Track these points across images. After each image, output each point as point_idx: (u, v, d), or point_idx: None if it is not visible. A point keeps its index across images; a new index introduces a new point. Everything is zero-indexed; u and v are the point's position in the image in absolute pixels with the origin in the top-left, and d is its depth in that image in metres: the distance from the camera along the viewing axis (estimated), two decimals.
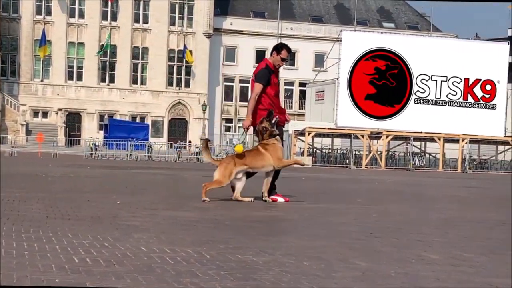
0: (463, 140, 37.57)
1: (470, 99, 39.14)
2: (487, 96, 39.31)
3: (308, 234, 5.59)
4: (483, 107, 39.21)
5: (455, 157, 38.88)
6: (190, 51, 62.99)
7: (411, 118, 37.92)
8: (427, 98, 38.59)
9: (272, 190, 8.62)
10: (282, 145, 8.72)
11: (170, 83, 64.27)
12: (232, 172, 8.25)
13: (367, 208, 8.68)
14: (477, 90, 39.16)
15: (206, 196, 8.10)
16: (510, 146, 39.11)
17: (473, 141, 39.27)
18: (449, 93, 38.93)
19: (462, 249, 5.05)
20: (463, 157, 38.40)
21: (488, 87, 39.26)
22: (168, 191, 11.11)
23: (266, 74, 8.77)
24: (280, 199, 8.60)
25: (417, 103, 38.42)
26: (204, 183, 8.33)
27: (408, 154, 39.60)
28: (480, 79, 39.05)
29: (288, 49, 9.03)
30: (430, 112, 38.42)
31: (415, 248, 5.03)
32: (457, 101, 39.06)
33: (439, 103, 38.72)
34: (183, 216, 6.71)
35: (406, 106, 38.09)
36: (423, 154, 41.52)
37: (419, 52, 38.47)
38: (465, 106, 39.09)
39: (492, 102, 39.35)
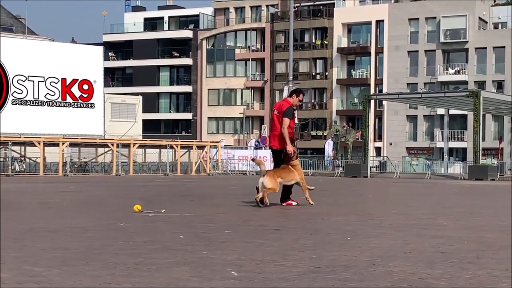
0: (63, 144, 37.58)
1: (69, 99, 39.65)
2: (85, 95, 40.21)
3: None
4: (82, 106, 40.05)
5: (56, 161, 38.70)
6: None
7: (11, 120, 37.02)
8: (25, 99, 38.06)
9: (287, 197, 11.50)
10: None
11: None
12: (277, 182, 10.91)
13: None
14: (75, 90, 39.82)
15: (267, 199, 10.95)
16: (110, 149, 40.28)
17: (73, 144, 39.58)
18: (47, 93, 38.88)
19: (34, 263, 4.94)
20: (64, 161, 38.43)
21: (86, 86, 40.16)
22: None
23: (292, 111, 11.58)
24: (294, 203, 11.42)
25: (15, 104, 37.65)
26: (263, 192, 10.78)
27: (7, 159, 38.30)
28: (78, 79, 39.82)
29: (303, 93, 12.57)
30: (30, 112, 38.11)
31: None
32: (56, 101, 39.21)
33: (38, 103, 38.53)
34: None
35: (4, 107, 37.08)
36: (23, 158, 40.56)
37: (14, 53, 37.67)
38: (64, 106, 39.50)
39: (90, 101, 40.38)
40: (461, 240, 6.69)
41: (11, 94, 37.48)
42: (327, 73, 73.48)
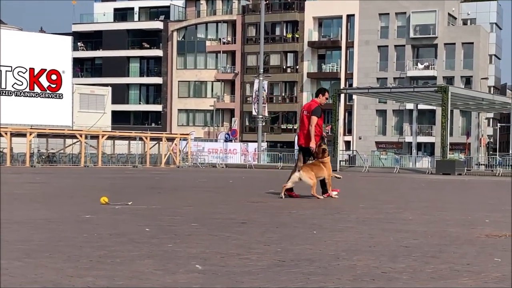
0: (31, 134, 37.23)
1: (37, 89, 39.34)
2: (53, 85, 39.90)
3: None
4: (50, 96, 39.72)
5: (23, 151, 38.32)
6: None
7: None
8: None
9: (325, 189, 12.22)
10: None
11: None
12: (314, 175, 11.72)
13: None
14: (43, 80, 39.49)
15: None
16: (78, 140, 39.98)
17: (41, 135, 39.22)
18: (15, 83, 38.56)
19: None
20: (31, 151, 38.07)
21: (54, 77, 39.84)
22: None
23: (320, 110, 12.33)
24: (334, 193, 12.29)
25: None
26: (312, 193, 11.79)
27: None
28: (46, 69, 39.46)
29: (329, 92, 13.11)
30: None
31: None
32: (24, 91, 38.89)
33: (6, 93, 38.23)
34: None
35: None
36: None
37: None
38: (32, 96, 39.18)
39: (58, 92, 40.05)
40: (425, 234, 6.76)
41: None
42: (297, 67, 73.60)
